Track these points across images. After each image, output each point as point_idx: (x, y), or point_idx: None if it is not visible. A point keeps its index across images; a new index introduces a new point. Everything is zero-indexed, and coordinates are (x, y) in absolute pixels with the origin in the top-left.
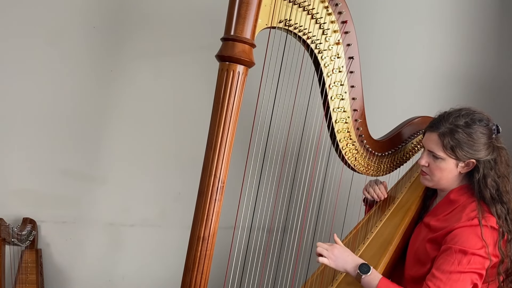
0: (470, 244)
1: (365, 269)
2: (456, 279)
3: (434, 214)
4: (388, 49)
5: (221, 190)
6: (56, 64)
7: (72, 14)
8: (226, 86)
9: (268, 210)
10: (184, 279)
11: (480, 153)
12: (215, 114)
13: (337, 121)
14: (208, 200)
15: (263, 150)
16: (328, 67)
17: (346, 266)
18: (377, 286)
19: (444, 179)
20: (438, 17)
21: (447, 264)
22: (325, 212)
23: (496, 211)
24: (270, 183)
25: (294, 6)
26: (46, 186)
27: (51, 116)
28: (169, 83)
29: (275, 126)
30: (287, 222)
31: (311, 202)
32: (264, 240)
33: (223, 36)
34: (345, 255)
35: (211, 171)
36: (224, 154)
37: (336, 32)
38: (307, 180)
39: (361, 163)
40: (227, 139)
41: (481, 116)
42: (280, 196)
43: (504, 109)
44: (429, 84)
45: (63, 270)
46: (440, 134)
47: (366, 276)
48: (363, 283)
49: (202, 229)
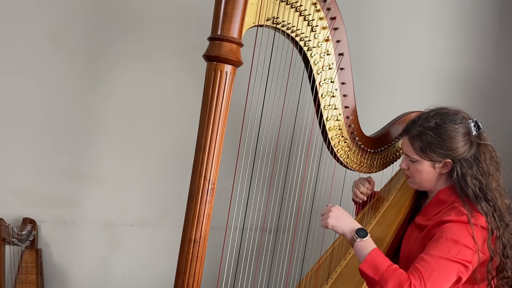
0: (462, 237)
1: (362, 234)
2: (444, 265)
3: (425, 215)
4: (388, 49)
5: (212, 192)
6: (56, 64)
7: (72, 14)
8: (214, 87)
9: (260, 210)
10: (176, 282)
11: (455, 152)
12: (204, 115)
13: (328, 118)
14: (198, 202)
15: (254, 150)
16: (318, 65)
17: (344, 227)
18: (370, 253)
19: (426, 181)
20: (438, 18)
21: (437, 250)
22: (318, 211)
23: (482, 208)
24: (262, 182)
25: (282, 3)
26: (46, 186)
27: (51, 116)
28: (169, 83)
29: (265, 125)
30: (279, 221)
31: (304, 201)
32: (257, 241)
33: (210, 36)
34: (345, 216)
35: (201, 173)
36: (213, 155)
37: (325, 29)
38: (299, 179)
39: (353, 160)
40: (216, 140)
41: (453, 116)
42: (272, 196)
43: (504, 109)
44: (429, 84)
45: (63, 270)
46: (409, 137)
47: (362, 240)
48: (356, 247)
49: (193, 232)
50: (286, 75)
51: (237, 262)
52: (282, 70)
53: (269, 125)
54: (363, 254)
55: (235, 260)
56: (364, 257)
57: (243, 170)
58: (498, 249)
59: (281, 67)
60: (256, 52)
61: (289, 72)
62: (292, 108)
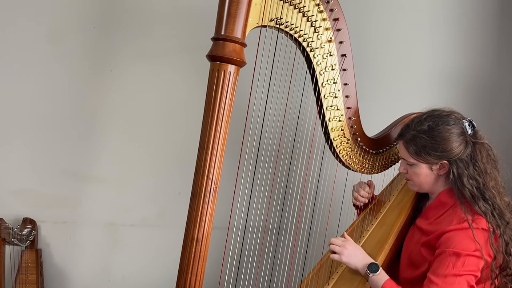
0: (463, 246)
1: (373, 269)
2: (451, 282)
3: (426, 217)
4: (390, 50)
5: (214, 192)
6: (56, 64)
7: (72, 14)
8: (218, 86)
9: (262, 210)
10: (179, 282)
11: (451, 153)
12: (207, 115)
13: (330, 119)
14: (201, 202)
15: (256, 150)
16: (321, 65)
17: (357, 264)
18: (382, 286)
19: (424, 183)
20: (438, 18)
21: (442, 268)
22: (320, 212)
23: (480, 208)
24: (264, 183)
25: (285, 4)
26: (46, 186)
27: (51, 116)
28: (172, 83)
29: (267, 125)
30: (281, 222)
31: (306, 201)
32: (259, 241)
33: (213, 36)
34: (358, 253)
35: (203, 173)
36: (216, 155)
37: (328, 30)
38: (301, 180)
39: (355, 161)
40: (219, 140)
41: (446, 118)
42: (274, 196)
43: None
44: (429, 84)
45: (63, 270)
46: (404, 142)
47: (374, 275)
48: (370, 281)
49: (196, 231)
50: (289, 76)
51: (239, 262)
52: (285, 70)
53: (271, 125)
54: (378, 286)
55: (237, 260)
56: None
57: (245, 170)
58: (501, 247)
59: (284, 68)
60: (260, 52)
61: (292, 73)
62: (295, 108)
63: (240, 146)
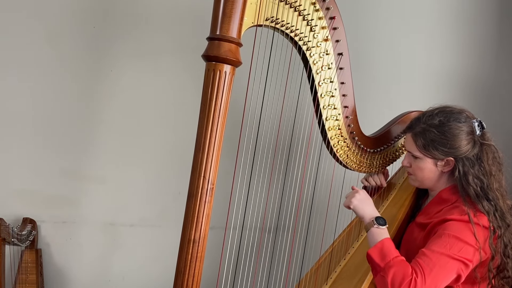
0: (464, 235)
1: (381, 222)
2: (445, 262)
3: (426, 213)
4: (388, 48)
5: (211, 192)
6: (55, 64)
7: (71, 14)
8: (213, 87)
9: (259, 210)
10: (176, 282)
11: (458, 151)
12: (203, 115)
13: (327, 118)
14: (198, 202)
15: (253, 149)
16: (317, 64)
17: (365, 211)
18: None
19: (427, 179)
20: (437, 18)
21: (439, 246)
22: (318, 211)
23: (483, 207)
24: (261, 182)
25: (281, 3)
26: (46, 186)
27: (51, 115)
28: (168, 83)
29: (264, 125)
30: (279, 221)
31: (303, 200)
32: (256, 240)
33: (208, 36)
34: (369, 202)
35: (200, 173)
36: (213, 155)
37: (324, 29)
38: (299, 179)
39: (353, 160)
40: (216, 140)
41: (457, 115)
42: (272, 195)
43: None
44: (429, 84)
45: (63, 270)
46: (413, 134)
47: (380, 228)
48: (370, 232)
49: (193, 232)
50: (285, 75)
51: (237, 261)
52: (281, 70)
53: (268, 125)
54: (375, 240)
55: (234, 260)
56: (375, 243)
57: (242, 170)
58: (499, 248)
59: (280, 67)
60: (255, 52)
61: (288, 72)
62: (292, 108)
63: (237, 145)
